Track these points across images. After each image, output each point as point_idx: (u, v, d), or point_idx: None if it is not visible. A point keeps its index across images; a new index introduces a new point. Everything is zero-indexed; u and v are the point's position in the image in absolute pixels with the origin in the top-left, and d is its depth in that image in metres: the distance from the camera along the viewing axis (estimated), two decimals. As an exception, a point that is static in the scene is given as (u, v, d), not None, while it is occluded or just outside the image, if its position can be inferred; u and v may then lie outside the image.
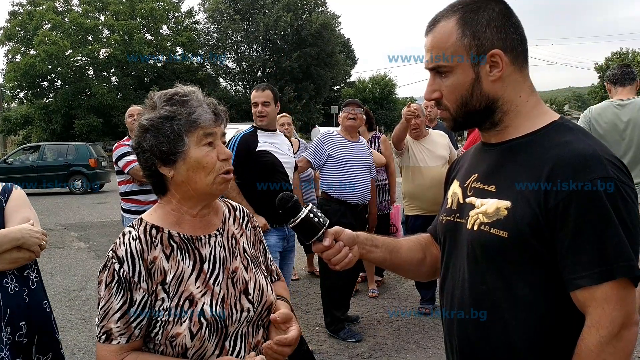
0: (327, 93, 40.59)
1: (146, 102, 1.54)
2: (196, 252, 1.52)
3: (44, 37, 30.82)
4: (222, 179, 1.51)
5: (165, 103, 1.48)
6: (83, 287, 6.42)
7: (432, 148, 5.02)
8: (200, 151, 1.47)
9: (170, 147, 1.45)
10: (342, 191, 4.61)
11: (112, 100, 32.00)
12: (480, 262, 1.30)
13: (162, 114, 1.46)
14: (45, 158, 18.49)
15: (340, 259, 1.48)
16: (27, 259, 2.00)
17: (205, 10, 39.73)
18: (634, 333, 1.15)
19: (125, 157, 4.67)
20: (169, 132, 1.45)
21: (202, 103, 1.50)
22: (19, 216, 2.06)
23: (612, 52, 50.28)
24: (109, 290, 1.42)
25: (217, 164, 1.49)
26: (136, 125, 1.54)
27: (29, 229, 1.99)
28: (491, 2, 1.30)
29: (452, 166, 1.62)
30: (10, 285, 1.95)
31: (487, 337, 1.30)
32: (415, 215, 5.03)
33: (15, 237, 1.93)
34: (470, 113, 1.33)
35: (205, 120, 1.48)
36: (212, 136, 1.49)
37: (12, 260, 1.95)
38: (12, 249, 1.93)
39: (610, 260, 1.12)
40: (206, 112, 1.49)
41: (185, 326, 1.42)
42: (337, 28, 42.42)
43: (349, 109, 4.73)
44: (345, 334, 4.56)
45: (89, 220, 11.77)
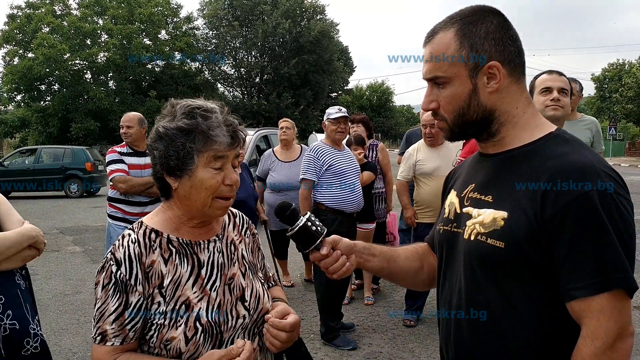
0: (325, 100, 40.60)
1: (168, 107, 1.51)
2: (194, 257, 1.53)
3: (42, 41, 30.80)
4: (219, 205, 1.49)
5: (185, 116, 1.45)
6: (78, 291, 6.39)
7: (447, 155, 5.00)
8: (207, 173, 1.44)
9: (178, 163, 1.44)
10: (341, 201, 4.64)
11: (110, 105, 31.97)
12: (476, 271, 1.30)
13: (179, 125, 1.44)
14: (41, 161, 18.44)
15: (337, 268, 1.49)
16: (33, 256, 2.02)
17: (204, 16, 39.76)
18: (629, 344, 1.15)
19: (110, 165, 4.59)
20: (180, 148, 1.42)
21: (220, 124, 1.46)
22: (15, 218, 2.07)
23: (609, 63, 50.63)
24: (106, 292, 1.42)
25: (221, 187, 1.46)
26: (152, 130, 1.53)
27: (37, 228, 2.02)
28: (489, 15, 1.32)
29: (450, 176, 1.63)
30: (20, 282, 1.96)
31: (483, 345, 1.30)
32: (426, 223, 4.96)
33: (31, 236, 1.97)
34: (468, 124, 1.34)
35: (219, 143, 1.44)
36: (222, 159, 1.46)
37: (24, 258, 1.97)
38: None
39: (606, 272, 1.13)
40: (223, 135, 1.45)
41: (180, 330, 1.42)
42: (336, 36, 42.55)
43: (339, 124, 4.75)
44: (340, 342, 4.56)
45: (84, 224, 11.75)
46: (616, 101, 43.26)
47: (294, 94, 37.95)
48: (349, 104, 51.11)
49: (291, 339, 1.53)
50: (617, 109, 43.88)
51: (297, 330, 1.55)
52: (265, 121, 35.58)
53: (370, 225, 5.53)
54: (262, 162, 6.38)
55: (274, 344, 1.51)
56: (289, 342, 1.53)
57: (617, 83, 44.16)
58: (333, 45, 40.82)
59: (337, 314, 4.73)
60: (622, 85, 42.80)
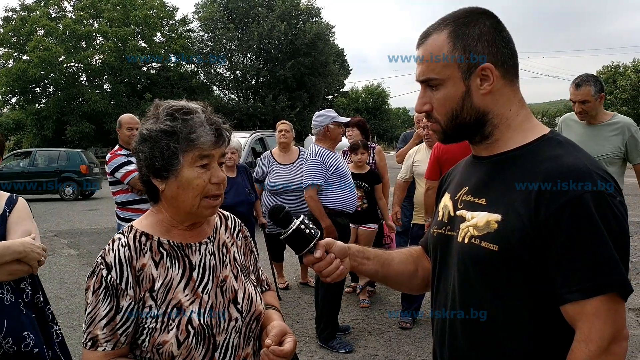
0: (321, 102, 40.60)
1: (151, 109, 1.52)
2: (186, 259, 1.52)
3: (37, 43, 30.70)
4: (207, 204, 1.49)
5: (167, 118, 1.46)
6: (72, 295, 6.36)
7: None
8: (193, 172, 1.45)
9: (164, 164, 1.44)
10: (344, 202, 4.69)
11: (105, 107, 31.87)
12: (470, 274, 1.30)
13: (162, 127, 1.45)
14: (36, 164, 18.37)
15: (331, 271, 1.48)
16: (25, 272, 1.99)
17: (199, 18, 39.75)
18: (623, 348, 1.15)
19: (123, 168, 4.51)
20: (164, 149, 1.43)
21: (203, 123, 1.46)
22: (21, 229, 2.05)
23: (603, 66, 50.81)
24: (96, 296, 1.41)
25: (208, 186, 1.46)
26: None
27: (31, 243, 1.99)
28: (482, 16, 1.31)
29: (444, 179, 1.63)
30: (5, 296, 1.93)
31: (477, 348, 1.30)
32: (421, 224, 4.95)
33: (17, 251, 1.93)
34: (461, 126, 1.34)
35: (203, 142, 1.44)
36: (208, 158, 1.46)
37: (11, 273, 1.94)
38: (12, 261, 1.92)
39: (600, 275, 1.12)
40: (207, 134, 1.45)
41: (172, 334, 1.41)
42: (331, 38, 42.58)
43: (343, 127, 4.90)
44: (336, 345, 4.55)
45: (79, 227, 11.69)
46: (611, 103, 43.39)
47: (290, 97, 37.95)
48: (345, 107, 51.14)
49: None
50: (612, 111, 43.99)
51: (294, 349, 1.53)
52: (261, 124, 35.59)
53: (374, 225, 5.56)
54: (260, 164, 6.36)
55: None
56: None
57: (612, 85, 44.27)
58: (329, 48, 40.86)
59: (334, 318, 4.72)
60: (617, 87, 42.94)
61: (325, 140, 4.80)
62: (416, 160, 5.06)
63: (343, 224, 4.69)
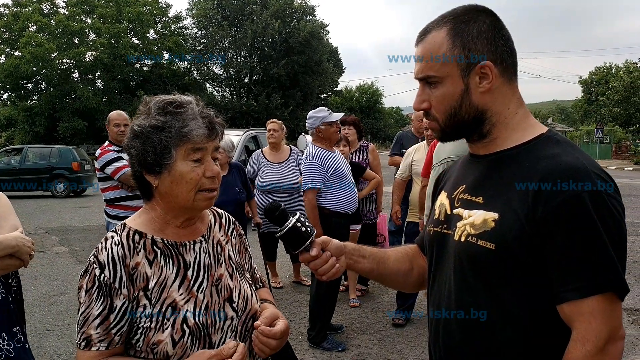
0: (315, 101, 40.61)
1: (142, 105, 1.50)
2: (180, 258, 1.50)
3: (29, 39, 30.52)
4: (203, 197, 1.47)
5: (158, 112, 1.44)
6: (63, 292, 6.32)
7: None
8: (186, 166, 1.43)
9: (156, 159, 1.42)
10: (345, 202, 4.63)
11: (97, 104, 31.78)
12: (467, 273, 1.29)
13: (153, 123, 1.43)
14: (27, 160, 18.22)
15: (327, 269, 1.47)
16: (16, 266, 1.97)
17: (193, 15, 39.64)
18: (619, 347, 1.15)
19: (114, 163, 4.49)
20: (156, 144, 1.41)
21: (196, 116, 1.44)
22: (9, 224, 2.03)
23: (595, 67, 51.21)
24: (89, 295, 1.39)
25: (202, 180, 1.45)
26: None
27: (22, 237, 1.97)
28: (482, 14, 1.30)
29: (440, 177, 1.62)
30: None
31: (472, 347, 1.29)
32: (416, 222, 4.96)
33: (10, 245, 1.91)
34: (459, 124, 1.33)
35: (196, 135, 1.42)
36: (201, 151, 1.44)
37: (3, 267, 1.92)
38: (4, 256, 1.90)
39: (597, 274, 1.12)
40: (199, 127, 1.43)
41: (167, 333, 1.40)
42: (325, 37, 42.58)
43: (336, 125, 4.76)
44: (328, 344, 4.54)
45: (70, 224, 11.61)
46: (603, 104, 43.65)
47: (283, 95, 37.94)
48: (339, 105, 51.15)
49: (280, 345, 1.51)
50: (604, 112, 44.27)
51: (286, 336, 1.53)
52: (254, 122, 35.52)
53: (357, 226, 5.54)
54: (251, 163, 6.33)
55: (263, 350, 1.49)
56: (278, 348, 1.51)
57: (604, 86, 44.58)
58: (323, 47, 40.87)
59: (327, 316, 4.71)
60: (609, 88, 43.19)
61: (321, 140, 4.73)
62: (415, 159, 5.06)
63: (342, 224, 4.65)
